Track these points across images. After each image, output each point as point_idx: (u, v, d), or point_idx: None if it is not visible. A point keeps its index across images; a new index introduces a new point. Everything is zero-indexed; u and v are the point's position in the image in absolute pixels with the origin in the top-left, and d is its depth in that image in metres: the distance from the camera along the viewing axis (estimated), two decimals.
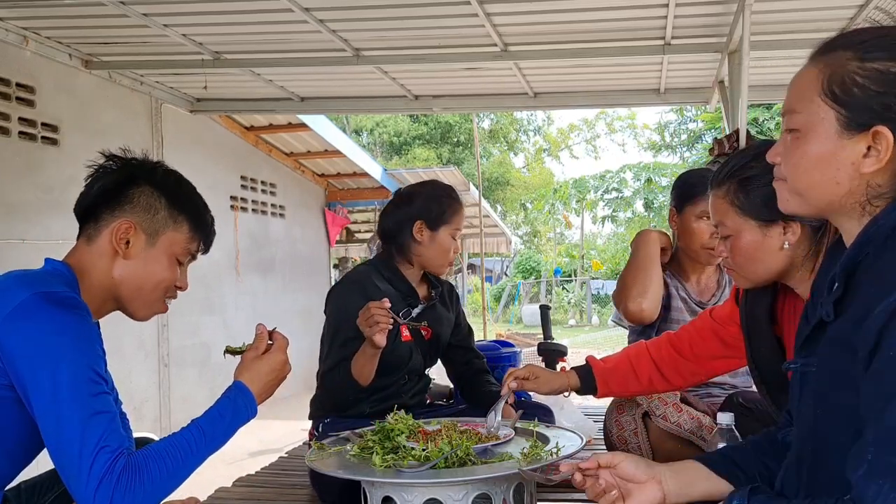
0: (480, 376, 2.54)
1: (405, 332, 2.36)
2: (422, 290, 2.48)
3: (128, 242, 1.55)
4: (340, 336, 2.27)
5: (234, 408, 1.50)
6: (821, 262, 1.32)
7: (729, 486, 1.28)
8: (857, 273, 1.07)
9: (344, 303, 2.31)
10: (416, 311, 2.40)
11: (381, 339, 2.08)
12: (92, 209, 1.57)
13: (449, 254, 2.43)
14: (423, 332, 2.40)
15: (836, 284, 1.08)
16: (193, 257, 1.66)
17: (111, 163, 1.61)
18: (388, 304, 2.10)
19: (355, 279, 2.39)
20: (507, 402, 2.01)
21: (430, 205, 2.41)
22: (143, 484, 1.33)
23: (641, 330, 2.48)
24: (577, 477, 1.27)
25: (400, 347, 2.35)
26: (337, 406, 2.31)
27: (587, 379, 2.04)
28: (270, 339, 1.61)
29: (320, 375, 2.32)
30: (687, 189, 2.43)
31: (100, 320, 1.61)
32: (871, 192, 1.07)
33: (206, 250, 1.70)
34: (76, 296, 1.46)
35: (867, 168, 1.05)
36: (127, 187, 1.57)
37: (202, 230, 1.65)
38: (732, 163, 1.62)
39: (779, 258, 1.57)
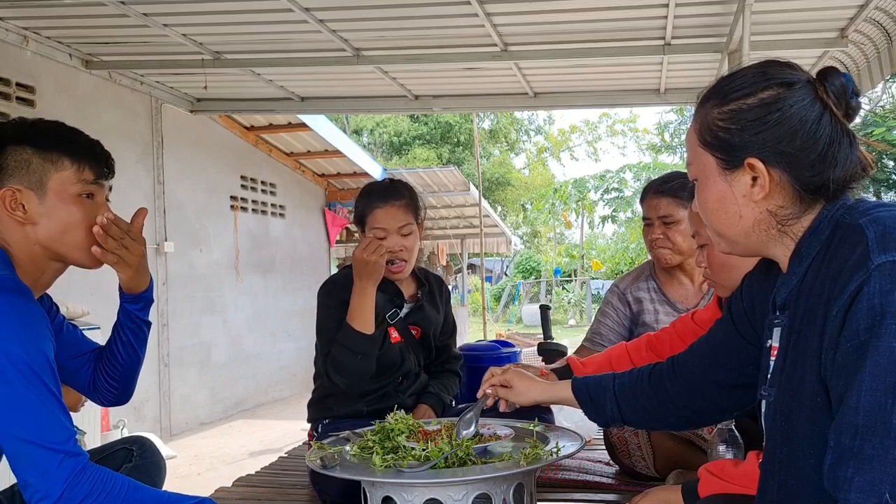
0: (445, 375, 2.54)
1: (394, 334, 2.34)
2: (409, 289, 2.44)
3: (23, 207, 1.49)
4: (332, 317, 2.27)
5: None
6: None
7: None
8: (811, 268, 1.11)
9: (332, 297, 2.30)
10: (403, 312, 2.38)
11: (381, 262, 2.17)
12: None
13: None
14: (413, 332, 2.38)
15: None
16: (99, 184, 1.57)
17: None
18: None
19: (344, 283, 2.29)
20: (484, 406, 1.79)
21: (356, 207, 2.38)
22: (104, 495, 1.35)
23: None
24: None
25: (391, 349, 2.33)
26: (346, 386, 2.23)
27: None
28: None
29: (322, 359, 2.28)
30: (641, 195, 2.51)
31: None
32: (778, 216, 1.13)
33: (108, 172, 1.59)
34: (16, 278, 1.44)
35: (757, 196, 1.12)
36: None
37: (85, 155, 1.55)
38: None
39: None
